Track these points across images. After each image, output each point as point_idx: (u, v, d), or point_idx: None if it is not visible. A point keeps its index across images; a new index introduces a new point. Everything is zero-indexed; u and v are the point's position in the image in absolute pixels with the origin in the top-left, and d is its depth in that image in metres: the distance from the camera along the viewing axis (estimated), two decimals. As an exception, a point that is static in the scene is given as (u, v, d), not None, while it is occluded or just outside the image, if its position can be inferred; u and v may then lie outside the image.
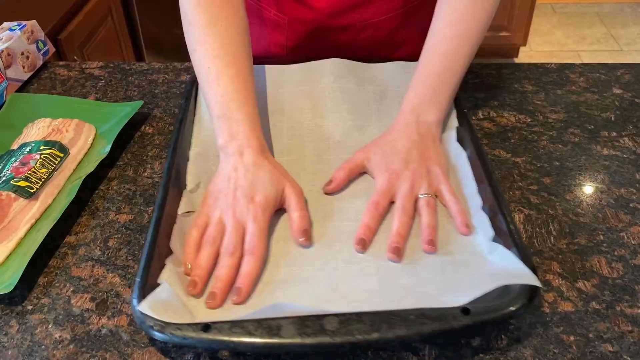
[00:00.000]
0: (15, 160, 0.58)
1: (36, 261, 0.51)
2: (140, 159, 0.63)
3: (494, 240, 0.49)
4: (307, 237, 0.51)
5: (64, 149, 0.61)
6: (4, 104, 0.70)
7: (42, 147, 0.60)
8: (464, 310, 0.41)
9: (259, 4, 0.76)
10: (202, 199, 0.53)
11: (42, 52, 0.77)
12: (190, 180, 0.55)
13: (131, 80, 0.76)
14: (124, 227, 0.55)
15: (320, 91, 0.66)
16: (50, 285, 0.50)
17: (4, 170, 0.57)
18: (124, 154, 0.64)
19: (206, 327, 0.41)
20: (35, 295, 0.49)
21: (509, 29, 2.32)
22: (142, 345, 0.45)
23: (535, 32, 2.64)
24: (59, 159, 0.60)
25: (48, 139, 0.62)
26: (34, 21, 0.77)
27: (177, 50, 2.16)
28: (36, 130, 0.63)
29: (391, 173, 0.55)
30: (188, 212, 0.53)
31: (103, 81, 0.75)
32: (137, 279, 0.45)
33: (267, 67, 0.69)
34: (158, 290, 0.44)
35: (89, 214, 0.56)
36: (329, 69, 0.68)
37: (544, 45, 2.60)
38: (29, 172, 0.57)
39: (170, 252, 0.49)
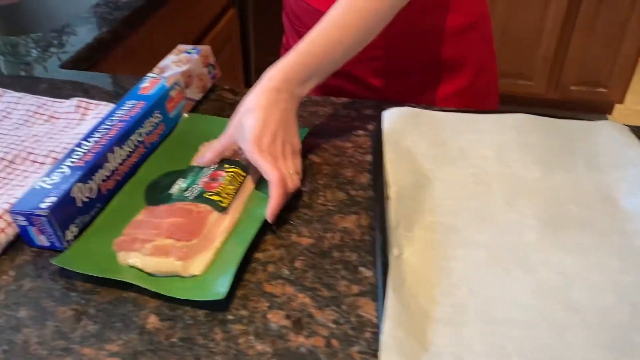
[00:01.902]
0: (204, 176, 0.63)
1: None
2: (312, 186, 0.66)
3: None
4: None
5: (246, 169, 0.65)
6: (180, 120, 0.75)
7: (226, 166, 0.64)
8: None
9: (290, 20, 0.89)
10: None
11: (211, 75, 0.83)
12: (393, 219, 0.58)
13: (291, 110, 0.80)
14: (306, 250, 0.58)
15: (503, 142, 0.68)
16: (247, 299, 0.53)
17: (194, 185, 0.62)
18: (295, 179, 0.67)
19: None
20: (234, 306, 0.52)
21: (607, 85, 2.28)
22: (342, 368, 0.46)
23: (631, 90, 2.58)
24: (242, 178, 0.64)
25: (227, 158, 0.66)
26: (208, 46, 0.83)
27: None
28: None
29: None
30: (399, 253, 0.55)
31: (266, 108, 0.80)
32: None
33: (446, 113, 0.73)
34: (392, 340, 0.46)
35: (272, 233, 0.60)
36: (513, 122, 0.70)
37: (639, 104, 2.54)
38: (219, 187, 0.61)
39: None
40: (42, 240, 0.57)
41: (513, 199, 0.62)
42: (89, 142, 0.63)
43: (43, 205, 0.55)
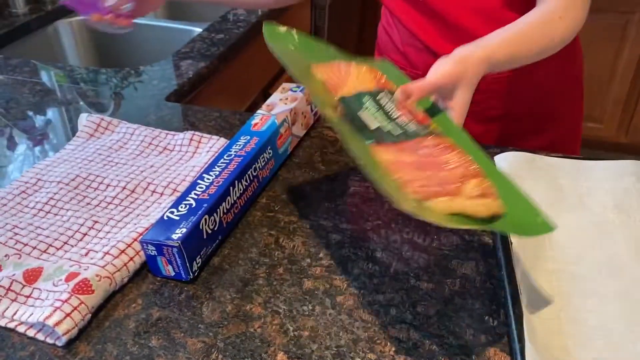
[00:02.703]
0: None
1: (352, 314, 0.54)
2: (424, 228, 0.66)
3: None
4: None
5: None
6: (289, 156, 0.77)
7: None
8: None
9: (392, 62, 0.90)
10: None
11: (313, 112, 0.85)
12: (516, 266, 0.56)
13: (392, 149, 0.80)
14: (427, 295, 0.57)
15: (622, 190, 0.66)
16: (373, 342, 0.52)
17: (394, 119, 0.60)
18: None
19: None
20: (361, 348, 0.51)
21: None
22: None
23: None
24: None
25: None
26: (311, 85, 0.85)
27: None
28: None
29: None
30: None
31: (368, 147, 0.81)
32: None
33: (560, 159, 0.72)
34: None
35: (389, 276, 0.59)
36: (630, 169, 0.68)
37: None
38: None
39: None
40: (168, 270, 0.58)
41: (639, 249, 0.60)
42: (210, 175, 0.65)
43: (174, 236, 0.56)
